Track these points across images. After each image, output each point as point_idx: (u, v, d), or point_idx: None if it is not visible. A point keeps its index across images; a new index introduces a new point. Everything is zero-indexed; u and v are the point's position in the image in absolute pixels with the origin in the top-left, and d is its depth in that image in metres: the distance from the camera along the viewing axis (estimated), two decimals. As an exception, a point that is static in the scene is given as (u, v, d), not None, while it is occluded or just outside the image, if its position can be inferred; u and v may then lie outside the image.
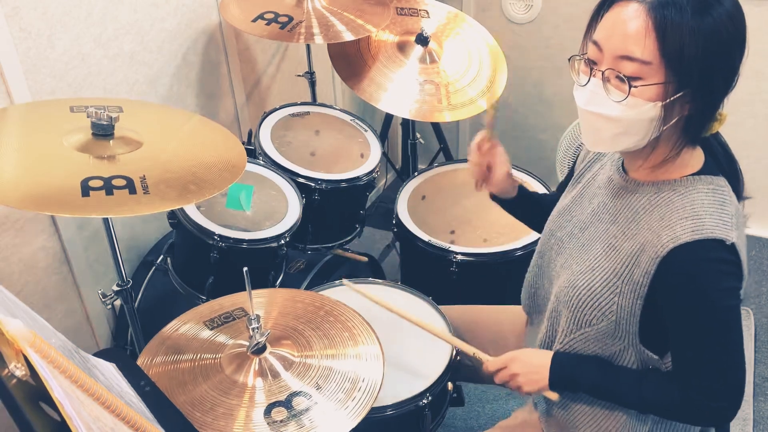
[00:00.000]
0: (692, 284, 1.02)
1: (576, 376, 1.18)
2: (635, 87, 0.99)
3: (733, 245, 1.01)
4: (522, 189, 1.45)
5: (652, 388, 1.12)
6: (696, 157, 1.10)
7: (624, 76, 1.00)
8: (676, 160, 1.08)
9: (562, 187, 1.40)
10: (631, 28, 0.98)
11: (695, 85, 0.99)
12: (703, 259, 1.01)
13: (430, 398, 1.36)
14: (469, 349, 1.35)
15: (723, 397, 1.07)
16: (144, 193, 1.18)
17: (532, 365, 1.23)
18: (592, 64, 1.05)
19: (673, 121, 1.03)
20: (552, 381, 1.20)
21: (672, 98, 1.00)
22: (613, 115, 1.03)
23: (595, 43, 1.04)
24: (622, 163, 1.18)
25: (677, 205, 1.05)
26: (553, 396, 1.22)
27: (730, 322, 1.04)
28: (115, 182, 1.19)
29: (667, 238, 1.03)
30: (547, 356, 1.22)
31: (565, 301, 1.19)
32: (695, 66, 0.97)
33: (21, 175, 1.17)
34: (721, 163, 1.13)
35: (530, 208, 1.47)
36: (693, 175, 1.08)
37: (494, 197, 1.46)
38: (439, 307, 1.57)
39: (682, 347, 1.08)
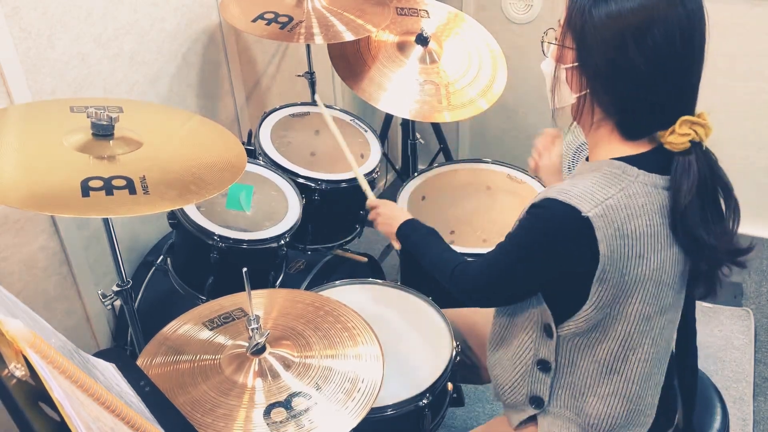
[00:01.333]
0: (525, 216, 1.14)
1: (412, 232, 1.48)
2: (549, 43, 1.16)
3: (587, 218, 1.04)
4: None
5: (442, 255, 1.38)
6: (633, 149, 1.11)
7: (547, 32, 1.18)
8: (610, 144, 1.12)
9: None
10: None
11: (586, 61, 1.09)
12: (541, 206, 1.09)
13: (430, 398, 1.36)
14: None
15: (472, 279, 1.26)
16: (144, 193, 1.18)
17: (393, 214, 1.56)
18: None
19: (582, 93, 1.11)
20: (398, 232, 1.50)
21: (569, 65, 1.11)
22: (543, 69, 1.19)
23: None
24: None
25: (577, 179, 1.11)
26: (397, 245, 1.52)
27: (514, 252, 1.16)
28: (115, 182, 1.19)
29: (538, 196, 1.12)
30: (405, 214, 1.53)
31: None
32: (582, 39, 1.08)
33: (21, 175, 1.17)
34: (678, 170, 1.09)
35: None
36: (614, 158, 1.11)
37: None
38: (441, 309, 1.57)
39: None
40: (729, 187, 1.11)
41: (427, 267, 1.40)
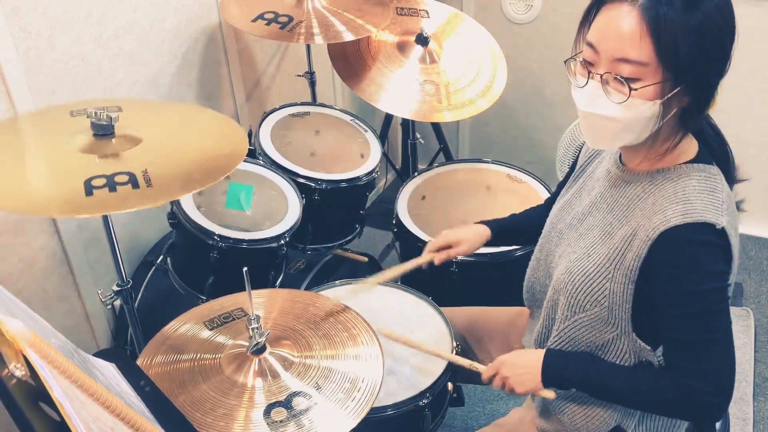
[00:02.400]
0: (681, 265, 1.04)
1: (566, 373, 1.19)
2: (635, 90, 1.01)
3: (723, 229, 1.02)
4: (496, 227, 1.54)
5: (641, 380, 1.13)
6: (690, 146, 1.12)
7: (623, 78, 1.01)
8: (674, 150, 1.09)
9: (562, 185, 1.42)
10: (625, 29, 0.99)
11: (691, 79, 1.01)
12: (692, 241, 1.03)
13: (430, 398, 1.36)
14: (465, 363, 1.35)
15: (711, 381, 1.06)
16: (147, 186, 1.18)
17: (520, 366, 1.24)
18: (588, 65, 1.06)
19: (671, 114, 1.04)
20: (544, 380, 1.20)
21: (669, 95, 1.01)
22: (614, 116, 1.04)
23: (590, 44, 1.04)
24: (620, 155, 1.20)
25: (669, 191, 1.07)
26: (550, 395, 1.23)
27: (718, 304, 1.05)
28: (117, 179, 1.19)
29: (658, 221, 1.04)
30: (535, 355, 1.22)
31: (561, 288, 1.20)
32: (690, 62, 0.99)
33: (25, 181, 1.17)
34: (714, 148, 1.14)
35: (515, 236, 1.54)
36: (686, 163, 1.10)
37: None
38: (441, 309, 1.57)
39: (672, 331, 1.08)
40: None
41: (626, 404, 1.20)
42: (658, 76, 1.00)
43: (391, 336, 1.40)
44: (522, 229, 1.56)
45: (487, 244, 1.55)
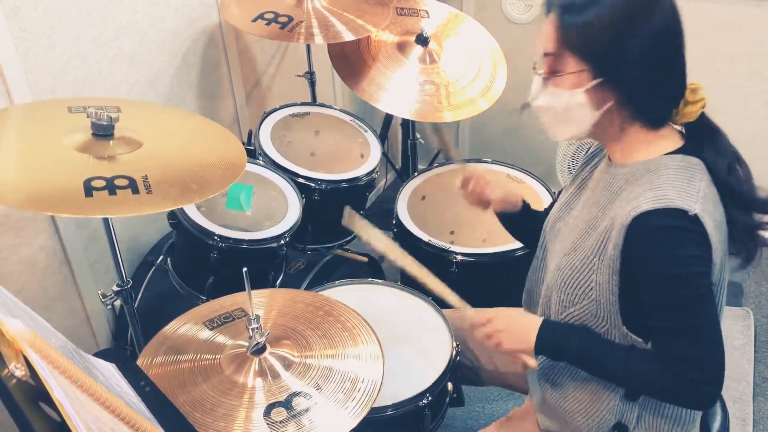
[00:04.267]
0: (654, 250, 1.05)
1: (563, 343, 1.18)
2: (555, 77, 1.12)
3: (696, 216, 1.03)
4: (525, 205, 1.51)
5: (638, 360, 1.13)
6: (671, 139, 1.14)
7: (541, 70, 1.14)
8: (646, 142, 1.13)
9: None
10: (544, 28, 1.13)
11: (609, 70, 1.08)
12: (662, 226, 1.04)
13: (430, 398, 1.36)
14: (456, 301, 1.34)
15: (700, 368, 1.07)
16: (147, 192, 1.18)
17: (518, 324, 1.23)
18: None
19: (607, 105, 1.10)
20: (539, 345, 1.19)
21: (591, 84, 1.09)
22: (545, 105, 1.16)
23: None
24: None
25: (645, 180, 1.10)
26: (532, 363, 1.21)
27: (697, 290, 1.06)
28: (117, 182, 1.19)
29: (630, 207, 1.07)
30: (534, 319, 1.21)
31: (553, 284, 1.23)
32: (598, 53, 1.08)
33: (22, 176, 1.17)
34: (702, 143, 1.15)
35: (527, 224, 1.51)
36: (668, 154, 1.12)
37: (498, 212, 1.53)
38: (442, 310, 1.57)
39: (656, 320, 1.09)
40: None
41: (619, 384, 1.20)
42: (573, 66, 1.09)
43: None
44: (537, 227, 1.48)
45: (504, 219, 1.52)
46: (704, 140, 1.15)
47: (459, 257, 1.84)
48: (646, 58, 1.07)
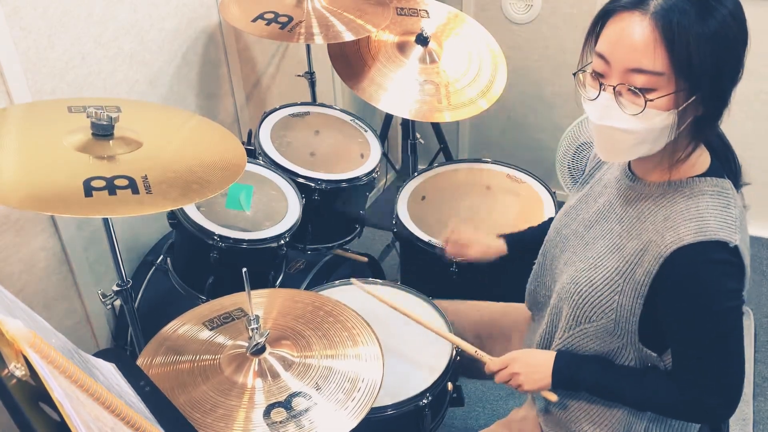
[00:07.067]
0: (695, 285, 1.03)
1: (578, 376, 1.19)
2: (651, 101, 0.98)
3: (736, 248, 1.01)
4: (512, 241, 1.54)
5: (652, 386, 1.13)
6: (702, 157, 1.10)
7: (637, 89, 0.98)
8: (685, 161, 1.07)
9: None
10: (638, 39, 0.96)
11: (706, 88, 0.98)
12: (706, 260, 1.01)
13: (430, 398, 1.36)
14: (471, 349, 1.36)
15: (720, 394, 1.08)
16: (147, 192, 1.18)
17: (532, 364, 1.24)
18: (599, 77, 1.03)
19: (686, 124, 1.02)
20: (555, 381, 1.21)
21: (684, 105, 0.99)
22: (628, 128, 1.02)
23: (601, 56, 1.02)
24: (629, 164, 1.18)
25: (682, 207, 1.05)
26: (552, 397, 1.24)
27: (731, 323, 1.05)
28: (117, 182, 1.19)
29: (671, 238, 1.03)
30: (548, 356, 1.22)
31: (566, 297, 1.19)
32: (705, 71, 0.96)
33: (22, 175, 1.17)
34: (719, 153, 1.12)
35: (529, 246, 1.50)
36: (699, 176, 1.08)
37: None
38: (441, 301, 1.57)
39: (682, 347, 1.08)
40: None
41: (635, 408, 1.20)
42: (672, 86, 0.97)
43: (399, 310, 1.43)
44: (539, 242, 1.49)
45: (504, 257, 1.55)
46: (723, 158, 1.13)
47: (459, 257, 1.83)
48: (735, 73, 1.02)
